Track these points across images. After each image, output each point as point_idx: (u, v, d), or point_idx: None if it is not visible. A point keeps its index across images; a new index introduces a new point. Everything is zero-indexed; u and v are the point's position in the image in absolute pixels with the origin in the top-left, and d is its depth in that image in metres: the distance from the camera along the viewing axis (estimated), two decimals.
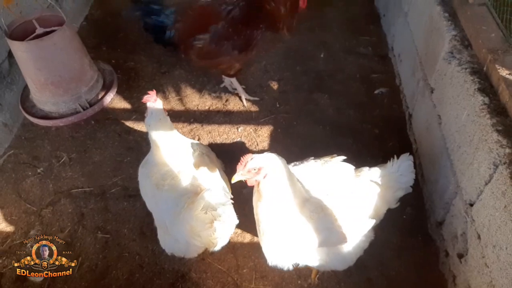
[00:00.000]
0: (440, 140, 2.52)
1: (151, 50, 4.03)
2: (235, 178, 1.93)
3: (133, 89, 3.69)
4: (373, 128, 3.27)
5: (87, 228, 2.74)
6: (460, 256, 2.26)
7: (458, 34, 2.49)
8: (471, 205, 2.12)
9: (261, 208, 2.01)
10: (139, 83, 3.75)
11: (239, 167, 1.90)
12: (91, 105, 3.50)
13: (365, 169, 2.28)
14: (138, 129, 3.36)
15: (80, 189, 2.97)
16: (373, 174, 2.25)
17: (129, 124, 3.41)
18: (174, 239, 2.19)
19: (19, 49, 3.11)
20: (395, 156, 2.28)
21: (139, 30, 4.21)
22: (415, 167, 2.92)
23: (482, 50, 2.25)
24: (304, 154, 3.09)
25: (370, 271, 2.50)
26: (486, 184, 1.96)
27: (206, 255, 2.56)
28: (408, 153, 2.32)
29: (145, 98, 2.20)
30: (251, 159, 1.88)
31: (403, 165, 2.28)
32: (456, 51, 2.41)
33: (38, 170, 3.11)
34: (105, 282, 2.50)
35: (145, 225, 2.73)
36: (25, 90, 3.56)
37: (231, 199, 2.20)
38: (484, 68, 2.22)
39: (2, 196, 2.99)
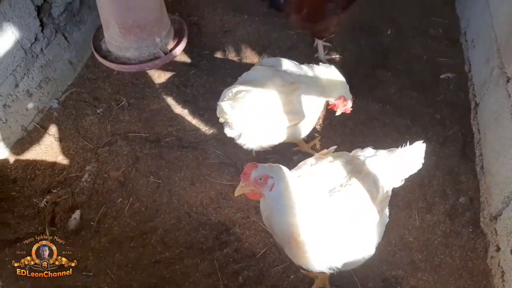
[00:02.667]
0: (510, 131, 2.40)
1: (215, 7, 3.99)
2: (237, 192, 1.81)
3: (194, 45, 3.68)
4: (434, 113, 3.14)
5: (140, 171, 2.83)
6: None
7: None
8: None
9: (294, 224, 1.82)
10: (200, 39, 3.74)
11: (243, 177, 1.77)
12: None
13: (361, 152, 2.14)
14: (196, 84, 3.37)
15: (136, 134, 3.04)
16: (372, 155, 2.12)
17: (188, 78, 3.42)
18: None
19: None
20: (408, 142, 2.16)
21: None
22: (475, 158, 2.85)
23: None
24: (359, 130, 3.05)
25: (414, 254, 2.47)
26: None
27: (252, 213, 2.59)
28: (422, 141, 2.18)
29: None
30: (256, 168, 1.76)
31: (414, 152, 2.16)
32: None
33: (98, 111, 3.20)
34: (152, 224, 2.59)
35: (196, 177, 2.78)
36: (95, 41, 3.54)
37: None
38: None
39: (62, 130, 3.11)
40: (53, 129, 3.09)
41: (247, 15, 3.92)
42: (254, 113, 2.43)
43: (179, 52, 3.56)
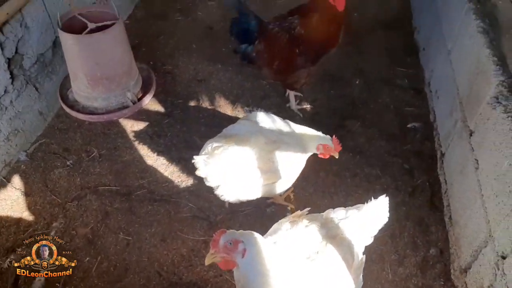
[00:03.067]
0: (475, 185, 2.47)
1: (190, 57, 4.07)
2: (207, 260, 1.76)
3: (168, 93, 3.72)
4: (403, 162, 3.22)
5: (110, 227, 2.75)
6: None
7: (506, 80, 2.44)
8: (504, 257, 2.06)
9: None
10: (174, 88, 3.78)
11: (213, 244, 1.73)
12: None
13: (333, 214, 2.15)
14: (170, 134, 3.37)
15: (106, 187, 2.99)
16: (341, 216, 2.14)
17: (161, 127, 3.43)
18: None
19: (79, 43, 3.11)
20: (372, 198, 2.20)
21: (180, 36, 4.33)
22: (443, 208, 2.91)
23: None
24: (331, 181, 3.09)
25: None
26: None
27: (224, 272, 2.54)
28: (385, 195, 2.22)
29: None
30: (225, 233, 1.74)
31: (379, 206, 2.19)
32: (503, 97, 2.37)
33: (67, 163, 3.14)
34: (121, 285, 2.49)
35: (167, 232, 2.73)
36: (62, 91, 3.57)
37: None
38: None
39: (29, 184, 3.02)
40: (19, 183, 3.00)
41: (220, 64, 4.01)
42: (231, 170, 2.44)
43: (147, 101, 3.61)
